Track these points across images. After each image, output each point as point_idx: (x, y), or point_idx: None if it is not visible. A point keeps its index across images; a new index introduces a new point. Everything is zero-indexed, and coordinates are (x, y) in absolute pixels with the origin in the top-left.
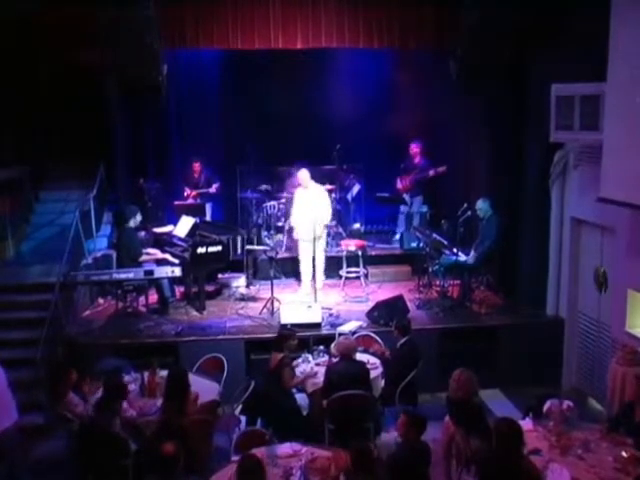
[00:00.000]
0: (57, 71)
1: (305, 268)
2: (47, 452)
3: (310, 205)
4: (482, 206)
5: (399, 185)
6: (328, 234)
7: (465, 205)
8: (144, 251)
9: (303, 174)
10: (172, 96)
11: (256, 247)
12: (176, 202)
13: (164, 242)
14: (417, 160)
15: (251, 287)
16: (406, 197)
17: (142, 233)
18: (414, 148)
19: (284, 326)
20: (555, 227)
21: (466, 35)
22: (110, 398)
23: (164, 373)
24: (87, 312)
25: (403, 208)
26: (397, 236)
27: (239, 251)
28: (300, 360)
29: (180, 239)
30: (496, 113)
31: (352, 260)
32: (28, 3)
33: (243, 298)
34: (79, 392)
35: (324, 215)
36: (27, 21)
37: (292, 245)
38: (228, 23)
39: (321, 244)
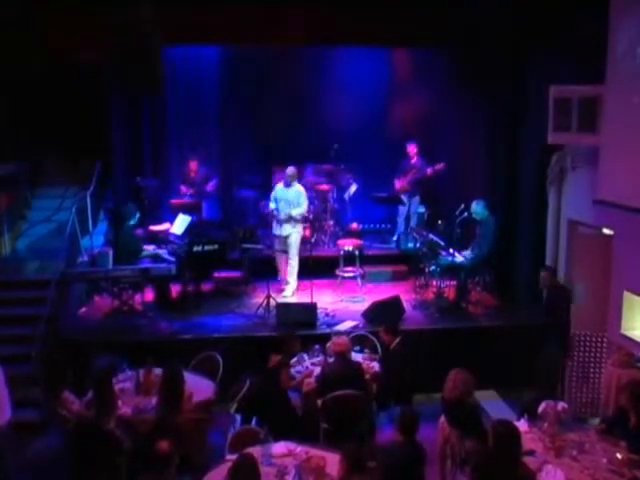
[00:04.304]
0: (56, 69)
1: (279, 265)
2: (41, 449)
3: (288, 203)
4: (476, 209)
5: (397, 185)
6: (324, 233)
7: (462, 206)
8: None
9: (293, 172)
10: (170, 94)
11: (252, 245)
12: (173, 200)
13: (160, 240)
14: (414, 160)
15: (247, 285)
16: (404, 198)
17: (139, 231)
18: (411, 148)
19: (281, 326)
20: (552, 229)
21: (465, 35)
22: (99, 398)
23: (159, 371)
24: (83, 309)
25: (401, 209)
26: (394, 237)
27: (235, 249)
28: (295, 360)
29: (176, 237)
30: (494, 114)
31: (349, 260)
32: (28, 2)
33: (239, 296)
34: (74, 390)
35: (300, 212)
36: (27, 20)
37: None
38: (226, 21)
39: (294, 242)
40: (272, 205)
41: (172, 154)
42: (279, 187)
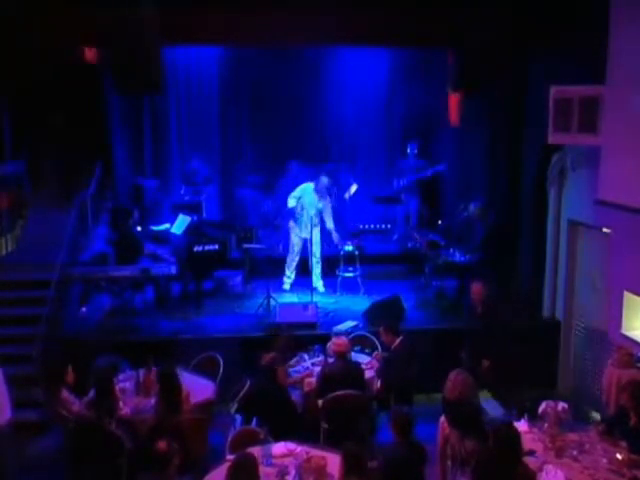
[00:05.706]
0: (56, 69)
1: (291, 263)
2: (41, 449)
3: (315, 204)
4: (474, 210)
5: (397, 185)
6: (324, 233)
7: (462, 206)
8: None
9: (326, 180)
10: (170, 94)
11: (253, 245)
12: (173, 200)
13: (161, 240)
14: (414, 160)
15: (247, 285)
16: (404, 197)
17: (139, 231)
18: (411, 149)
19: (273, 325)
20: (552, 229)
21: (465, 35)
22: (101, 397)
23: None
24: (83, 309)
25: (401, 209)
26: (395, 236)
27: (236, 249)
28: (295, 360)
29: (177, 237)
30: (494, 114)
31: (349, 259)
32: (28, 2)
33: (239, 296)
34: (74, 390)
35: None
36: (27, 20)
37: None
38: (226, 21)
39: (319, 241)
40: (293, 202)
41: (173, 154)
42: (309, 189)
